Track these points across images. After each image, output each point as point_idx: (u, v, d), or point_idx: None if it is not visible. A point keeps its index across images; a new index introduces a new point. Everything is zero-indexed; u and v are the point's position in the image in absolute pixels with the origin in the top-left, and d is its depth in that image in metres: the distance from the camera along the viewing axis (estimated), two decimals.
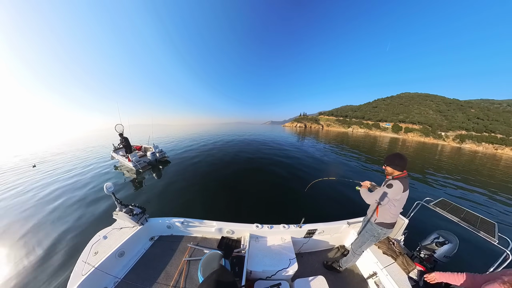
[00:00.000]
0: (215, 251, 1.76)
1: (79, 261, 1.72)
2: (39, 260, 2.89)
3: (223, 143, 15.79)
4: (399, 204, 1.64)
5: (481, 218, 2.00)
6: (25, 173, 8.14)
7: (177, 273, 1.87)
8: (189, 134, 26.27)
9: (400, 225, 2.45)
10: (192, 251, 2.15)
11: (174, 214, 2.52)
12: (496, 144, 54.27)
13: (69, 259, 2.84)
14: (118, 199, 2.18)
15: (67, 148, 15.72)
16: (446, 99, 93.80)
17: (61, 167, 8.73)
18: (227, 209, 4.41)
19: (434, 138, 64.69)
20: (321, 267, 2.30)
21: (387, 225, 1.74)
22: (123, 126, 8.43)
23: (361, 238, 1.94)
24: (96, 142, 21.01)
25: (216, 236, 2.35)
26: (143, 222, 2.26)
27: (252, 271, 1.84)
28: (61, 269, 2.68)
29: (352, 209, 4.40)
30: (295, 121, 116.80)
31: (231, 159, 9.55)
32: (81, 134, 51.15)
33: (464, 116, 77.55)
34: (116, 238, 2.02)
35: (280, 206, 4.64)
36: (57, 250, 3.10)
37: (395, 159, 1.63)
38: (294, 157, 10.58)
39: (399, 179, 1.59)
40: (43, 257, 2.96)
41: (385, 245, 2.18)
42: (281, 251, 2.05)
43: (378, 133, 76.82)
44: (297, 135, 31.47)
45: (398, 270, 1.93)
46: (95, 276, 1.62)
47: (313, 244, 2.44)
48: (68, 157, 11.55)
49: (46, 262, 2.84)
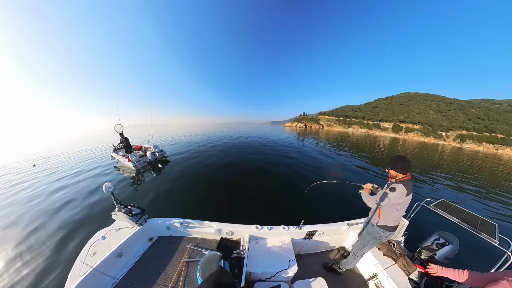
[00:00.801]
0: (214, 252, 1.75)
1: (77, 262, 1.71)
2: (36, 261, 2.88)
3: (223, 143, 15.78)
4: (402, 207, 1.61)
5: (481, 219, 1.99)
6: (25, 172, 8.16)
7: (176, 274, 1.85)
8: (189, 134, 26.30)
9: (401, 227, 2.44)
10: (191, 252, 2.14)
11: (173, 214, 2.50)
12: (497, 144, 54.24)
13: (67, 260, 2.83)
14: (117, 199, 2.17)
15: (67, 149, 15.74)
16: (446, 99, 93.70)
17: (61, 168, 8.73)
18: (226, 210, 4.40)
19: (435, 138, 64.64)
20: (321, 269, 2.28)
21: (389, 228, 1.72)
22: (123, 126, 8.43)
23: (362, 241, 1.92)
24: (96, 142, 21.03)
25: (215, 237, 2.34)
26: (142, 223, 2.25)
27: (251, 273, 1.83)
28: (58, 270, 2.67)
29: (352, 210, 4.37)
30: (295, 121, 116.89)
31: (231, 160, 9.54)
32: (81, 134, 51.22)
33: (465, 116, 77.45)
34: (114, 239, 2.01)
35: (279, 207, 4.63)
36: (54, 250, 3.09)
37: (398, 162, 1.60)
38: (294, 157, 10.56)
39: (402, 182, 1.56)
40: (40, 257, 2.95)
41: (386, 247, 2.16)
42: (281, 252, 2.03)
43: (378, 133, 76.75)
44: (297, 135, 31.45)
45: (399, 271, 1.92)
46: (93, 277, 1.61)
47: (313, 246, 2.42)
48: (67, 157, 11.56)
49: (43, 263, 2.83)
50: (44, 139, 32.39)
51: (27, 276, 2.61)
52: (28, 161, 10.95)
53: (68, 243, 3.23)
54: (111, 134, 35.72)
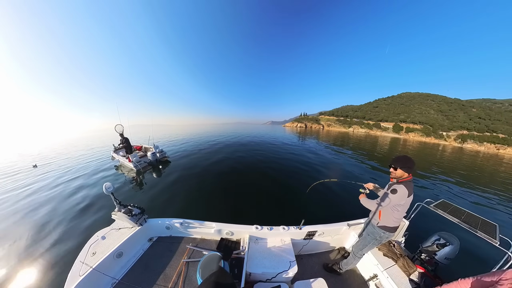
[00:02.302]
0: (214, 252, 1.75)
1: (76, 262, 1.71)
2: (36, 260, 2.89)
3: (223, 144, 15.77)
4: (403, 208, 1.60)
5: (482, 219, 1.99)
6: (26, 172, 8.19)
7: (176, 275, 1.86)
8: (189, 135, 26.34)
9: (401, 227, 2.43)
10: (191, 253, 2.13)
11: (173, 214, 2.51)
12: (498, 144, 53.99)
13: (67, 260, 2.83)
14: (117, 199, 2.17)
15: (66, 149, 15.78)
16: (447, 99, 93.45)
17: (61, 168, 8.77)
18: (226, 210, 4.40)
19: (436, 138, 64.43)
20: (321, 269, 2.28)
21: (390, 229, 1.71)
22: (123, 126, 8.44)
23: (362, 241, 1.92)
24: (96, 143, 21.06)
25: (215, 237, 2.34)
26: (142, 223, 2.25)
27: (251, 273, 1.83)
28: (58, 270, 2.68)
29: (352, 211, 4.37)
30: (296, 121, 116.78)
31: (231, 160, 9.54)
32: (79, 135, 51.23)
33: (466, 116, 77.20)
34: (114, 239, 2.01)
35: (280, 207, 4.62)
36: (54, 250, 3.10)
37: (407, 161, 1.55)
38: (295, 157, 10.55)
39: (403, 183, 1.54)
40: (40, 257, 2.95)
41: (386, 247, 2.16)
42: (281, 253, 2.03)
43: (379, 133, 76.59)
44: (298, 135, 31.42)
45: (399, 272, 1.91)
46: (92, 277, 1.61)
47: (313, 246, 2.42)
48: (67, 157, 11.59)
49: (43, 262, 2.84)
50: (42, 141, 32.33)
51: (24, 276, 2.62)
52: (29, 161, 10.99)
53: (67, 243, 3.23)
54: (110, 134, 35.78)
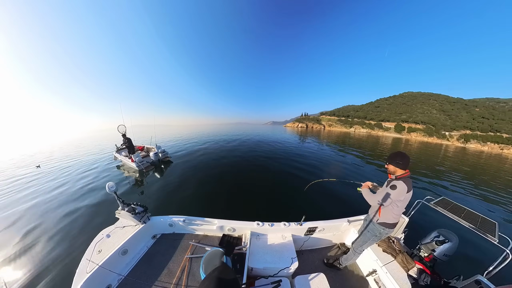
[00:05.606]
0: (217, 248, 1.79)
1: (83, 259, 1.75)
2: (44, 258, 2.96)
3: (224, 143, 15.85)
4: (402, 204, 1.63)
5: (481, 217, 2.00)
6: (29, 173, 8.30)
7: (180, 270, 1.89)
8: (189, 134, 26.42)
9: (401, 224, 2.45)
10: (194, 249, 2.17)
11: (176, 212, 2.55)
12: (502, 144, 53.36)
13: (74, 258, 2.89)
14: (120, 198, 2.22)
15: (68, 150, 15.90)
16: (450, 98, 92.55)
17: (63, 168, 8.85)
18: (228, 207, 4.45)
19: (438, 138, 63.88)
20: (321, 265, 2.31)
21: (389, 225, 1.74)
22: (126, 126, 8.52)
23: (362, 237, 1.95)
24: (97, 143, 21.20)
25: (217, 234, 2.37)
26: (145, 221, 2.29)
27: (253, 268, 1.87)
28: (65, 267, 2.74)
29: (352, 207, 4.39)
30: (297, 121, 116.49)
31: (232, 159, 9.61)
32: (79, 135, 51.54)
33: (469, 116, 76.39)
34: (119, 237, 2.05)
35: (281, 204, 4.67)
36: (61, 248, 3.17)
37: (396, 156, 1.64)
38: (295, 156, 10.57)
39: (402, 179, 1.58)
40: (48, 255, 3.02)
41: (385, 243, 2.18)
42: (282, 248, 2.07)
43: (380, 133, 76.13)
44: (299, 135, 31.39)
45: (398, 268, 1.94)
46: (99, 274, 1.66)
47: (313, 242, 2.46)
48: (69, 158, 11.68)
49: (51, 261, 2.90)
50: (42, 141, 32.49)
51: (33, 274, 2.67)
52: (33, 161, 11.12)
53: (73, 242, 3.30)
54: (111, 134, 35.98)
